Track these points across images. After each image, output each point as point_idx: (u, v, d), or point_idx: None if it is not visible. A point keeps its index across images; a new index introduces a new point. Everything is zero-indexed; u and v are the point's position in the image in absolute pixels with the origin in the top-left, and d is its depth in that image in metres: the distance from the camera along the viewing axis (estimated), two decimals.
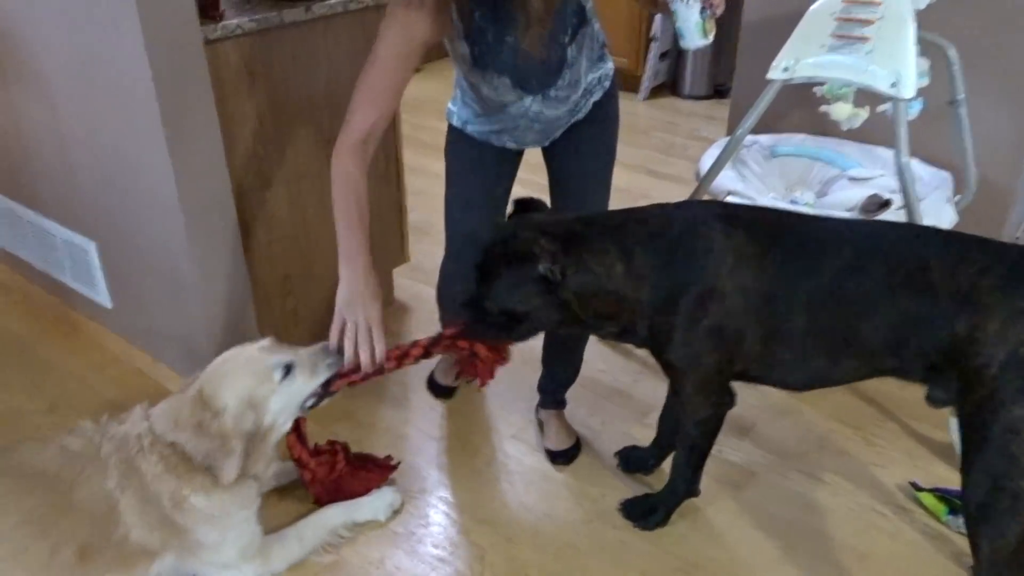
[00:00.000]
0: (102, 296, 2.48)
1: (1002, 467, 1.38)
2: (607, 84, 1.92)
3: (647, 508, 1.94)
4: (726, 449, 2.15)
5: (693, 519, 1.95)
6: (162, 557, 1.67)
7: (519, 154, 1.99)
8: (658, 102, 4.92)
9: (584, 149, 1.95)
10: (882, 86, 1.96)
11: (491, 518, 1.97)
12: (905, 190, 2.01)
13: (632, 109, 4.82)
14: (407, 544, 1.89)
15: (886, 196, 2.34)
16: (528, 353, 2.23)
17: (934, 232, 1.58)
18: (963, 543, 1.86)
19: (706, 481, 2.03)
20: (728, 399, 1.75)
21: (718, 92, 4.93)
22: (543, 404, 2.25)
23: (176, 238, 2.08)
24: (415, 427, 2.26)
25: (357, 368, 1.73)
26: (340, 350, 1.71)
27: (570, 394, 2.27)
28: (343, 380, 1.76)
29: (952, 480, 2.04)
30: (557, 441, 2.17)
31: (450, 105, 1.98)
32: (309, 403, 1.76)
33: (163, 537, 1.65)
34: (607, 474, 2.09)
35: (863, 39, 1.99)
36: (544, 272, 1.56)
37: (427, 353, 1.84)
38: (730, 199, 2.36)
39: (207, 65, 1.96)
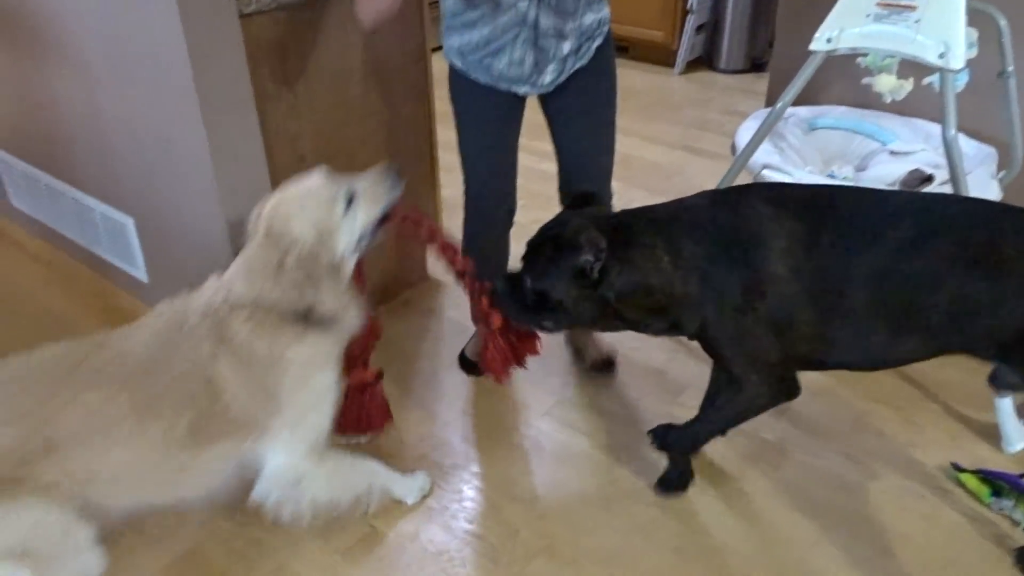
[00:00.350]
0: (139, 271, 2.52)
1: None
2: (605, 30, 1.95)
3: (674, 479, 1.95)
4: (761, 427, 2.12)
5: (727, 498, 1.94)
6: (253, 435, 1.66)
7: (522, 102, 2.00)
8: (694, 76, 4.84)
9: (585, 99, 1.98)
10: (930, 57, 1.90)
11: (524, 495, 1.97)
12: (952, 165, 1.95)
13: (667, 84, 4.75)
14: (441, 519, 1.90)
15: (928, 171, 2.29)
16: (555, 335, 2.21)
17: (1003, 207, 1.52)
18: (1006, 526, 1.83)
19: (741, 460, 2.01)
20: (795, 389, 1.69)
21: (755, 66, 4.83)
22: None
23: (212, 214, 2.09)
24: (447, 403, 2.27)
25: (416, 217, 1.80)
26: (399, 174, 1.72)
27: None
28: (399, 219, 1.76)
29: (995, 462, 2.00)
30: (599, 352, 2.35)
31: (445, 38, 1.97)
32: (367, 238, 1.73)
33: (256, 404, 1.63)
34: (641, 452, 2.08)
35: (910, 8, 1.92)
36: (583, 264, 1.56)
37: (460, 273, 1.86)
38: (766, 173, 2.31)
39: (243, 40, 1.96)
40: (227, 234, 2.07)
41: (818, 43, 2.03)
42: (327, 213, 1.63)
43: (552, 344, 2.45)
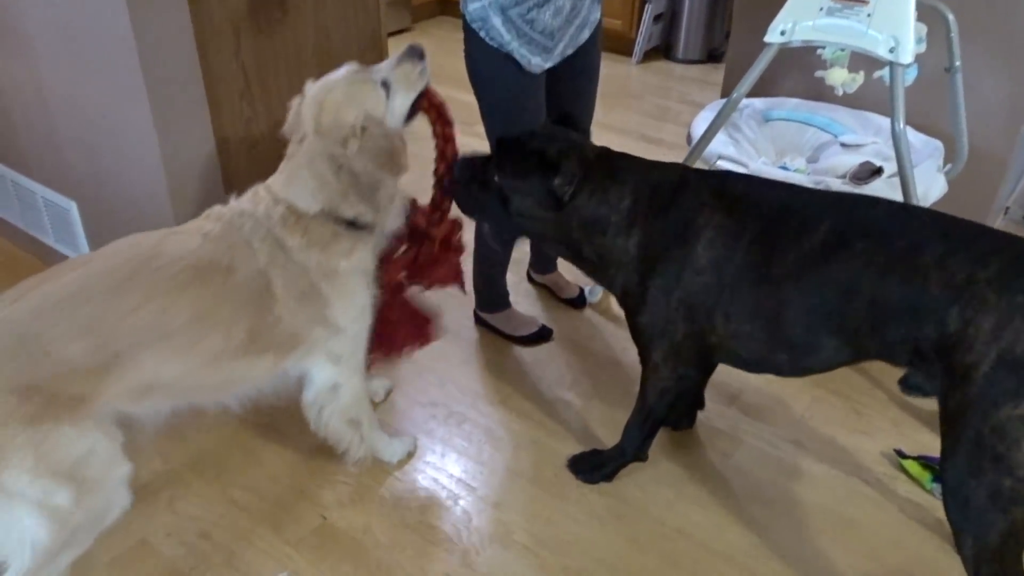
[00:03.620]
0: None
1: (988, 466, 1.33)
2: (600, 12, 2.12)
3: (594, 464, 1.96)
4: (713, 416, 2.15)
5: (680, 486, 1.96)
6: (300, 349, 1.69)
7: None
8: (651, 66, 4.86)
9: (586, 65, 2.15)
10: (880, 51, 1.93)
11: (478, 484, 1.97)
12: (900, 158, 1.99)
13: (625, 72, 4.76)
14: (393, 509, 1.89)
15: (878, 163, 2.33)
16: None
17: (927, 213, 1.51)
18: None
19: (693, 448, 2.04)
20: (693, 373, 1.75)
21: (712, 56, 4.87)
22: (542, 270, 2.65)
23: (159, 199, 2.04)
24: (403, 394, 2.25)
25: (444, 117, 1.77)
26: (422, 54, 1.69)
27: (559, 360, 2.26)
28: (434, 100, 1.75)
29: (937, 448, 2.05)
30: (572, 289, 2.62)
31: (480, 7, 1.93)
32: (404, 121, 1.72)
33: (307, 314, 1.65)
34: (597, 440, 2.09)
35: (862, 2, 1.95)
36: (555, 187, 1.63)
37: (445, 173, 1.83)
38: (721, 163, 2.33)
39: (191, 22, 1.91)
40: (174, 218, 2.02)
41: (772, 35, 2.05)
42: (374, 101, 1.62)
43: (502, 342, 2.45)
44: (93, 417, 1.44)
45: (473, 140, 2.08)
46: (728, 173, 1.72)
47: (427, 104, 1.75)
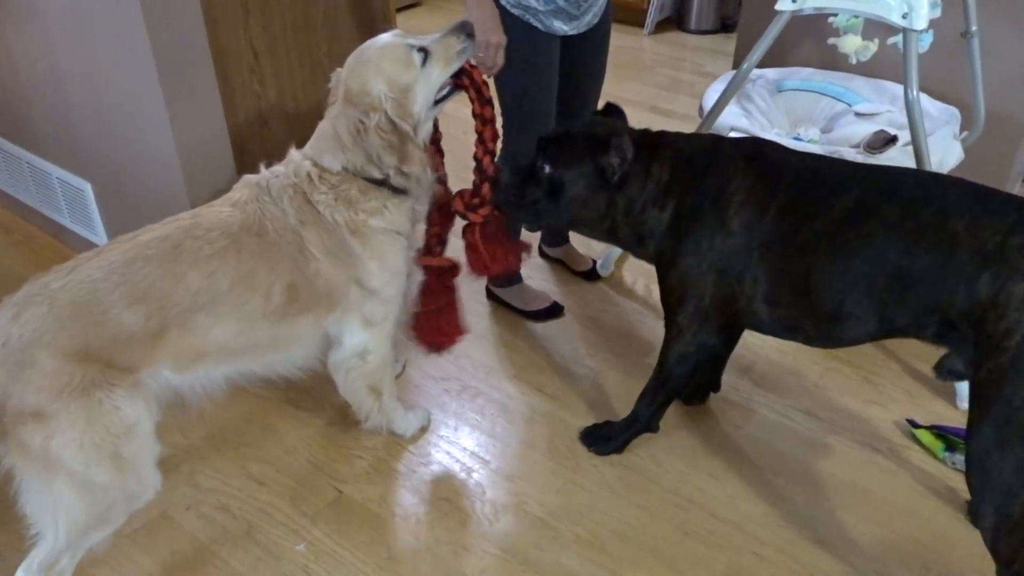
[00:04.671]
0: (99, 236, 2.47)
1: (1016, 439, 1.31)
2: None
3: (606, 435, 1.98)
4: (726, 388, 2.15)
5: (692, 457, 1.97)
6: (337, 310, 1.71)
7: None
8: (664, 37, 4.81)
9: (598, 49, 2.19)
10: (893, 17, 1.90)
11: (491, 457, 1.99)
12: (913, 126, 1.96)
13: (637, 44, 4.71)
14: (408, 482, 1.92)
15: (893, 132, 2.30)
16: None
17: (957, 181, 1.50)
18: (959, 480, 1.88)
19: (706, 419, 2.04)
20: (714, 341, 1.75)
21: (725, 26, 4.81)
22: (554, 243, 2.65)
23: (172, 178, 2.06)
24: (417, 368, 2.27)
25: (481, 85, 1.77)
26: (471, 32, 1.68)
27: (571, 333, 2.27)
28: (476, 78, 1.75)
29: (950, 418, 2.05)
30: (585, 262, 2.62)
31: None
32: (441, 94, 1.71)
33: (339, 273, 1.67)
34: (610, 412, 2.10)
35: None
36: (606, 164, 1.66)
37: (488, 154, 1.84)
38: (733, 136, 2.32)
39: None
40: (187, 197, 2.04)
41: (783, 3, 2.02)
42: (403, 69, 1.62)
43: (515, 317, 2.46)
44: (142, 387, 1.48)
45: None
46: (761, 140, 1.74)
47: (467, 82, 1.75)
